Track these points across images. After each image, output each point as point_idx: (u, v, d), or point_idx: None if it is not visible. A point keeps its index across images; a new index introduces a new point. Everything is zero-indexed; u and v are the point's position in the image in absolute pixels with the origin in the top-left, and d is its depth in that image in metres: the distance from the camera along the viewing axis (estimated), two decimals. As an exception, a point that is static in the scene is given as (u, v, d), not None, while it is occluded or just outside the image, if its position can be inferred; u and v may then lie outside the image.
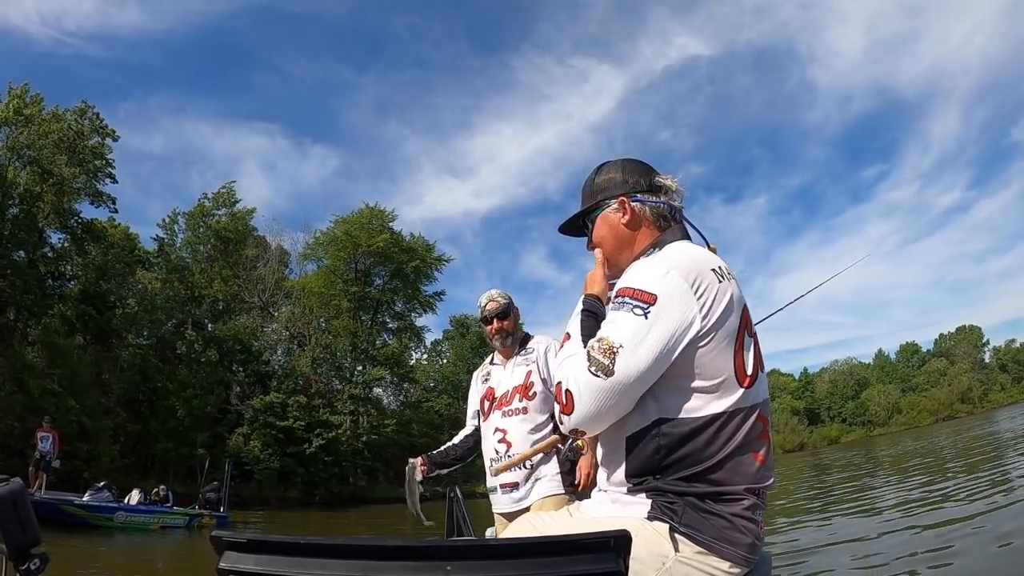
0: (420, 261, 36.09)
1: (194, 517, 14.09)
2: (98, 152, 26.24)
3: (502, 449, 2.75)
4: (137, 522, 12.94)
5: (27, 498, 1.00)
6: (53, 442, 13.79)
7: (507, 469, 2.72)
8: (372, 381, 34.93)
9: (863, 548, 6.00)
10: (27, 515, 0.99)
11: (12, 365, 22.01)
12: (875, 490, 12.08)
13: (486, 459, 2.86)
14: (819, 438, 71.05)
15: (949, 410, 68.59)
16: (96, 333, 27.60)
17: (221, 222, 33.36)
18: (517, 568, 0.67)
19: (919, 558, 5.17)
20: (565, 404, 1.20)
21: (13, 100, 23.76)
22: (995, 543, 5.12)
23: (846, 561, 5.53)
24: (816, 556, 5.96)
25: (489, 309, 2.90)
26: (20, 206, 24.33)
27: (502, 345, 2.92)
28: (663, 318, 1.17)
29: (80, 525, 11.50)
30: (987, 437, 21.82)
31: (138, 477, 22.90)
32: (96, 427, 23.53)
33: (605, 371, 1.16)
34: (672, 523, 1.16)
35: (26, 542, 0.98)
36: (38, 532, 1.00)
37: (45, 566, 0.99)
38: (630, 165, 1.46)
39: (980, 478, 9.96)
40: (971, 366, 74.52)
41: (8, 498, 0.96)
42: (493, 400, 2.90)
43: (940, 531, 6.17)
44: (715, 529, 1.16)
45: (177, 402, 27.72)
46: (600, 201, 1.42)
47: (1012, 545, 4.92)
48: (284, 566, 0.66)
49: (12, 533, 0.96)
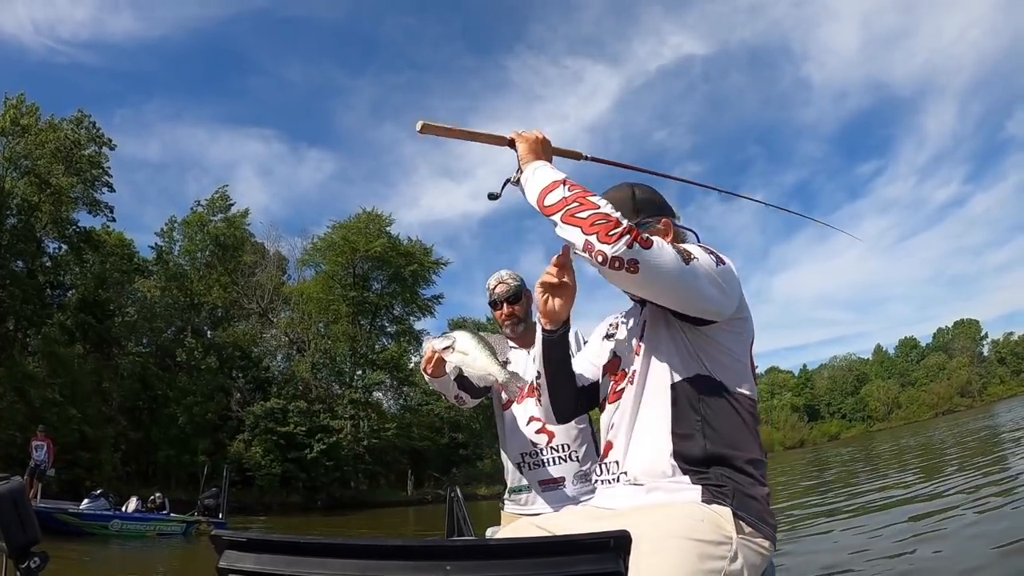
0: (418, 265, 36.09)
1: (191, 524, 13.88)
2: (95, 161, 26.22)
3: (542, 440, 2.44)
4: (132, 530, 12.76)
5: (27, 497, 1.00)
6: (47, 451, 13.71)
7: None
8: (372, 385, 34.89)
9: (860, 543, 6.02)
10: (27, 514, 0.99)
11: (13, 375, 21.97)
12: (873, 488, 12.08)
13: (514, 453, 2.49)
14: (819, 434, 71.08)
15: (948, 404, 68.62)
16: (96, 342, 27.55)
17: (218, 227, 33.35)
18: (517, 568, 0.67)
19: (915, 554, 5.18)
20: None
21: (9, 110, 23.76)
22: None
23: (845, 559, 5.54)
24: (816, 555, 5.97)
25: (498, 292, 2.54)
26: (18, 216, 24.30)
27: (513, 332, 2.56)
28: (729, 273, 1.32)
29: (75, 534, 11.40)
30: (984, 431, 21.84)
31: (140, 485, 22.82)
32: (97, 435, 23.48)
33: (687, 258, 1.24)
34: (731, 506, 1.22)
35: (26, 540, 0.98)
36: (38, 531, 1.00)
37: (45, 564, 0.99)
38: (657, 192, 1.55)
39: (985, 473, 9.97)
40: (970, 360, 74.50)
41: (8, 497, 0.97)
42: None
43: (936, 524, 6.18)
44: (756, 510, 1.24)
45: (178, 409, 27.67)
46: (644, 219, 1.44)
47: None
48: (284, 565, 0.66)
49: (12, 531, 0.96)
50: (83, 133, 25.88)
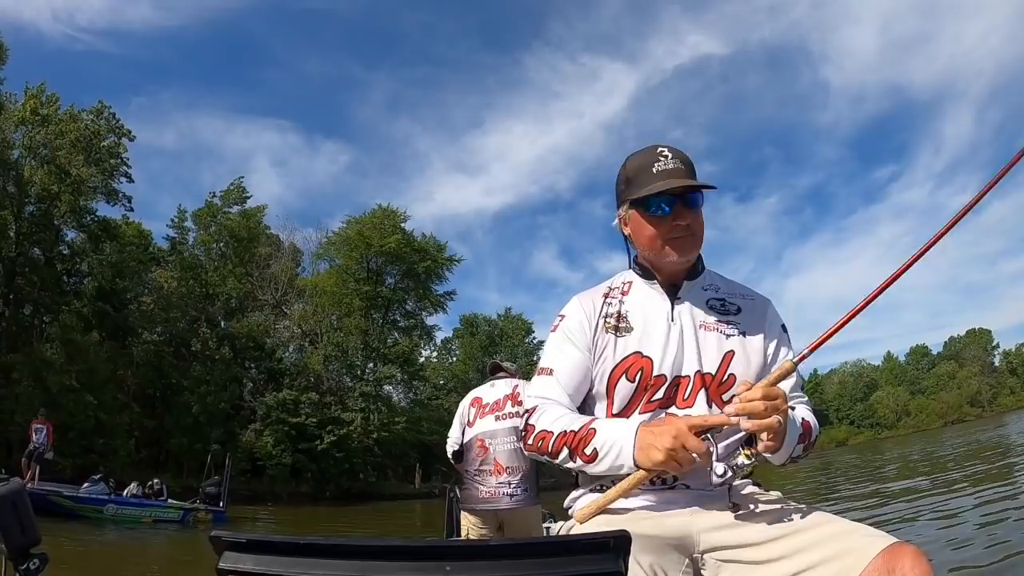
0: (431, 262, 36.29)
1: (188, 511, 13.70)
2: (114, 152, 26.55)
3: None
4: (127, 515, 12.67)
5: (27, 498, 1.00)
6: (47, 434, 13.77)
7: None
8: (383, 379, 35.12)
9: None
10: (27, 515, 0.99)
11: (31, 361, 22.36)
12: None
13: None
14: (827, 440, 70.36)
15: (958, 413, 67.75)
16: (112, 330, 27.96)
17: (234, 220, 33.68)
18: (517, 568, 0.67)
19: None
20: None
21: (30, 100, 24.11)
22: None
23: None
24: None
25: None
26: (36, 204, 24.68)
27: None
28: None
29: (70, 516, 11.36)
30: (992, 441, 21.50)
31: (152, 472, 23.16)
32: (113, 422, 23.86)
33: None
34: None
35: (26, 542, 0.98)
36: (38, 532, 1.00)
37: (44, 566, 0.99)
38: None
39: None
40: (980, 369, 73.44)
41: (8, 498, 0.97)
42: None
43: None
44: None
45: (192, 398, 28.01)
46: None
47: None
48: (283, 566, 0.67)
49: (12, 533, 0.97)
50: (103, 124, 26.21)
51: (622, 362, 1.34)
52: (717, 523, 1.23)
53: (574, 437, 1.25)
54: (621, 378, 1.33)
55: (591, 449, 1.23)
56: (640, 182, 1.36)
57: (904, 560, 1.00)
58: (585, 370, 1.36)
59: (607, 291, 1.45)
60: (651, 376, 1.32)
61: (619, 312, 1.39)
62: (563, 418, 1.30)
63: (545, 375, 1.38)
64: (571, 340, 1.38)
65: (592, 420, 1.28)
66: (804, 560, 1.09)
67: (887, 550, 1.02)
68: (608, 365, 1.35)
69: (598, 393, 1.36)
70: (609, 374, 1.34)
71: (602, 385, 1.35)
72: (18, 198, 23.76)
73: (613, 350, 1.35)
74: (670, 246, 1.34)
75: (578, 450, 1.24)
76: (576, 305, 1.43)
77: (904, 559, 1.00)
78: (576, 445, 1.25)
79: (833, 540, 1.09)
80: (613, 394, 1.34)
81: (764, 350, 1.38)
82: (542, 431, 1.30)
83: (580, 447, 1.24)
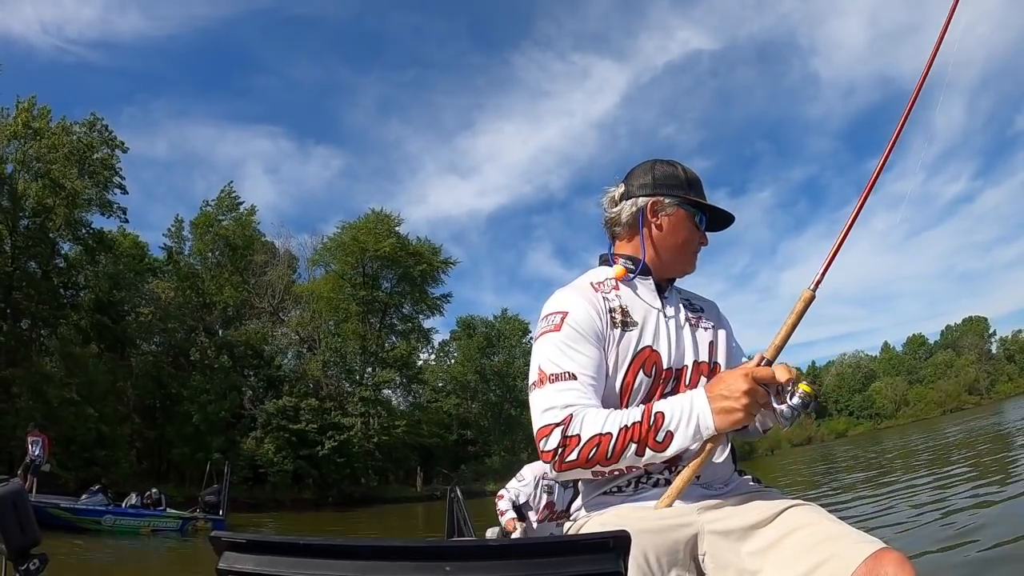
0: (427, 265, 36.25)
1: (187, 521, 13.45)
2: (107, 163, 26.46)
3: None
4: (125, 526, 12.48)
5: (26, 498, 1.00)
6: (43, 446, 13.65)
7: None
8: (382, 383, 35.09)
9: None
10: (26, 515, 0.98)
11: (31, 375, 22.26)
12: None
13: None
14: (827, 431, 70.47)
15: (956, 401, 67.76)
16: (111, 342, 27.86)
17: (228, 228, 33.58)
18: (517, 568, 0.66)
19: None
20: None
21: (21, 114, 24.01)
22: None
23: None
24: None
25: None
26: (31, 218, 24.59)
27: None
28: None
29: (68, 528, 11.20)
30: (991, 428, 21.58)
31: (154, 482, 23.09)
32: (114, 434, 23.76)
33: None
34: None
35: (26, 542, 0.98)
36: (38, 532, 1.00)
37: (44, 566, 0.99)
38: (665, 167, 1.57)
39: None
40: (978, 357, 73.42)
41: (8, 499, 0.96)
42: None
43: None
44: None
45: (192, 407, 27.94)
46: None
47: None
48: (283, 566, 0.67)
49: (11, 533, 0.96)
50: (95, 136, 26.12)
51: (638, 356, 1.33)
52: (718, 523, 1.22)
53: (639, 429, 1.19)
54: (639, 372, 1.32)
55: (663, 434, 1.19)
56: (698, 192, 1.49)
57: (888, 567, 1.01)
58: (605, 368, 1.31)
59: (595, 285, 1.41)
60: (663, 369, 1.34)
61: (620, 306, 1.37)
62: (612, 416, 1.22)
63: (567, 379, 1.27)
64: (585, 337, 1.31)
65: (650, 406, 1.23)
66: (797, 569, 1.10)
67: (871, 557, 1.03)
68: (622, 360, 1.32)
69: (609, 389, 1.32)
70: (626, 369, 1.32)
71: (617, 380, 1.32)
72: (13, 212, 23.65)
73: (621, 345, 1.33)
74: (694, 257, 1.50)
75: (649, 440, 1.19)
76: (578, 300, 1.36)
77: (888, 566, 1.01)
78: (645, 436, 1.19)
79: (824, 543, 1.10)
80: (631, 389, 1.31)
81: (729, 343, 1.51)
82: (594, 437, 1.20)
83: (651, 436, 1.19)
